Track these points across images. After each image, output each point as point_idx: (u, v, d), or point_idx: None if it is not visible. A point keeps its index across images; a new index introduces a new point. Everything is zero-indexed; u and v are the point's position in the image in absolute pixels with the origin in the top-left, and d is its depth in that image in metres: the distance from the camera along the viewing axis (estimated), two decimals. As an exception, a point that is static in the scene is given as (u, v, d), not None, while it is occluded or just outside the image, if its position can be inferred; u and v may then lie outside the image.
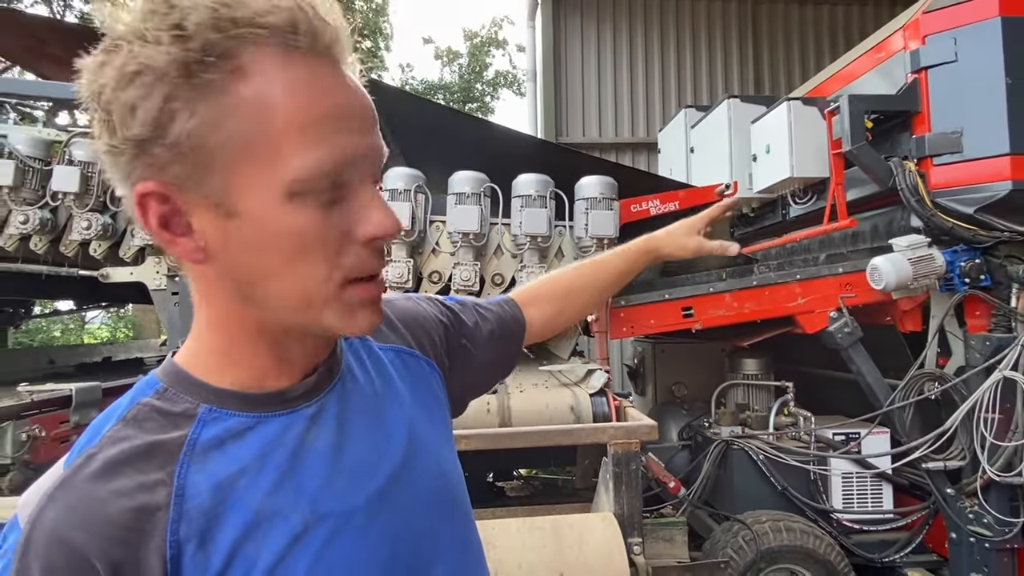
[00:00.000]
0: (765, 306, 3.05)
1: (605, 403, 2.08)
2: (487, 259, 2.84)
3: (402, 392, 0.76)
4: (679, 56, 7.55)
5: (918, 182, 2.92)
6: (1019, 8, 2.76)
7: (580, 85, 7.46)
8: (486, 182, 2.75)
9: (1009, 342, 2.67)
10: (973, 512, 2.75)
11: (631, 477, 1.87)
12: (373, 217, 0.58)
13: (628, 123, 7.47)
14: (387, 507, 0.66)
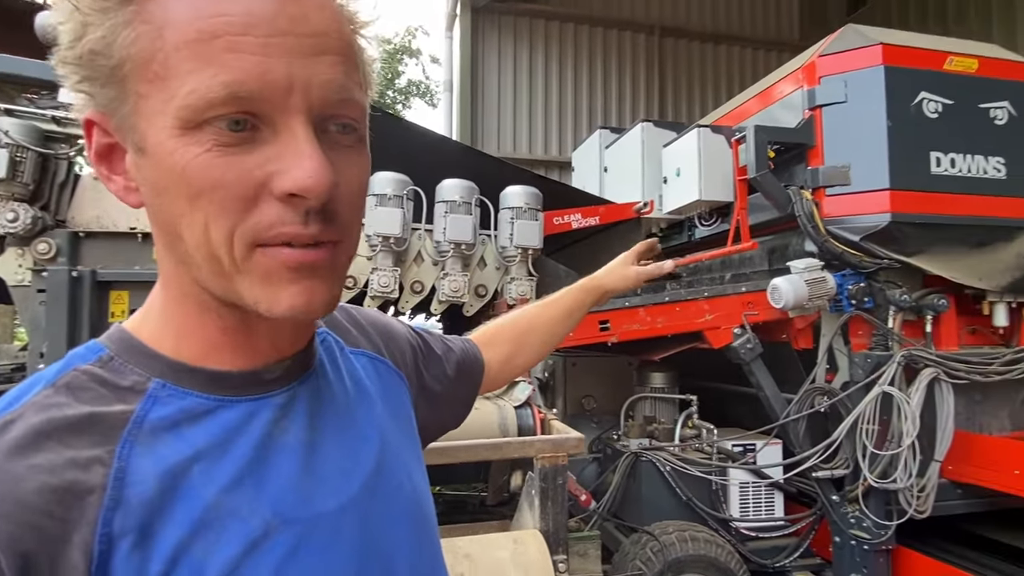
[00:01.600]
0: (676, 321, 3.13)
1: (530, 416, 2.01)
2: (407, 265, 2.71)
3: (375, 399, 0.66)
4: (591, 80, 7.80)
5: (813, 210, 3.14)
6: (900, 59, 3.07)
7: (496, 100, 7.50)
8: (409, 185, 2.63)
9: (887, 359, 2.92)
10: (854, 517, 2.96)
11: (557, 492, 1.81)
12: (293, 167, 0.46)
13: (542, 140, 7.59)
14: (359, 518, 0.56)
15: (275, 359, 0.56)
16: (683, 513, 3.18)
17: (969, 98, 3.14)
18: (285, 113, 0.46)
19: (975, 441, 2.93)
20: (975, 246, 3.12)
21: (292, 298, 0.49)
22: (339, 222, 0.51)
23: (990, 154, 3.13)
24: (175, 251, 0.50)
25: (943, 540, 3.11)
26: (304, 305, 0.49)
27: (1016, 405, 3.21)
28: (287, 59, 0.46)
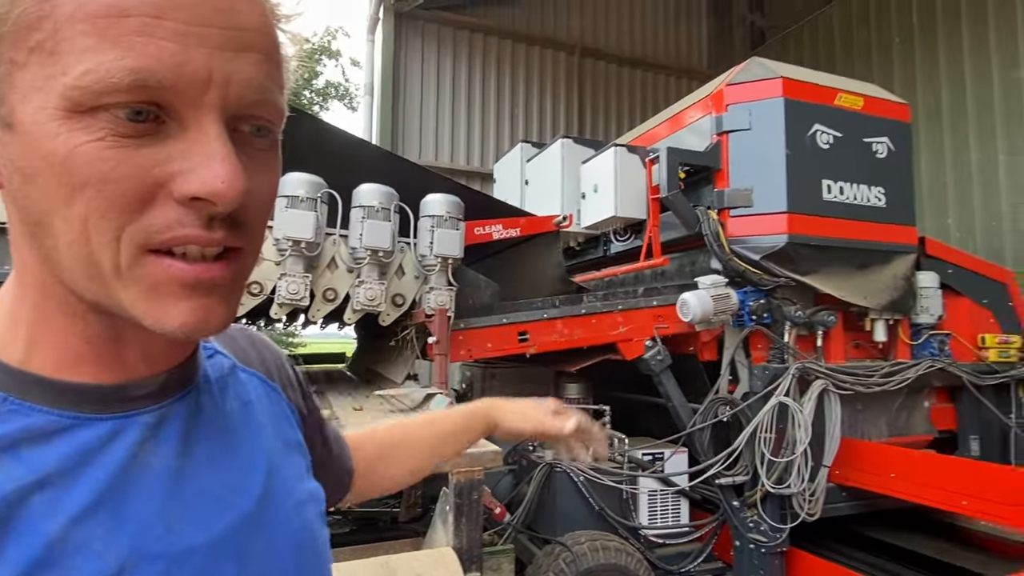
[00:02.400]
0: (592, 334, 3.19)
1: (446, 429, 1.95)
2: (319, 272, 2.57)
3: (264, 425, 0.60)
4: (513, 93, 7.89)
5: (719, 230, 3.31)
6: (798, 93, 3.32)
7: (418, 107, 7.41)
8: (323, 187, 2.50)
9: (783, 371, 3.11)
10: (753, 521, 3.12)
11: (472, 508, 1.76)
12: (201, 168, 0.41)
13: (464, 151, 7.57)
14: (236, 554, 0.50)
15: (147, 374, 0.49)
16: (595, 523, 3.22)
17: (855, 132, 3.44)
18: (197, 109, 0.41)
19: (858, 447, 3.18)
20: (859, 267, 3.41)
21: (185, 315, 0.43)
22: (245, 229, 0.46)
23: (872, 184, 3.44)
24: (39, 246, 0.43)
25: (831, 541, 3.34)
26: (198, 323, 0.43)
27: (892, 414, 3.52)
28: (208, 51, 0.41)
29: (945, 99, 6.62)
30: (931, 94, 6.76)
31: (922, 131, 6.68)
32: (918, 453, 3.09)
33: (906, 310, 3.54)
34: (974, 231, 6.24)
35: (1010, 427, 3.62)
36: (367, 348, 4.31)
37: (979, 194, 6.23)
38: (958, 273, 3.80)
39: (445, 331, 2.60)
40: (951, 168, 6.52)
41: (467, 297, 2.98)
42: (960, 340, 3.70)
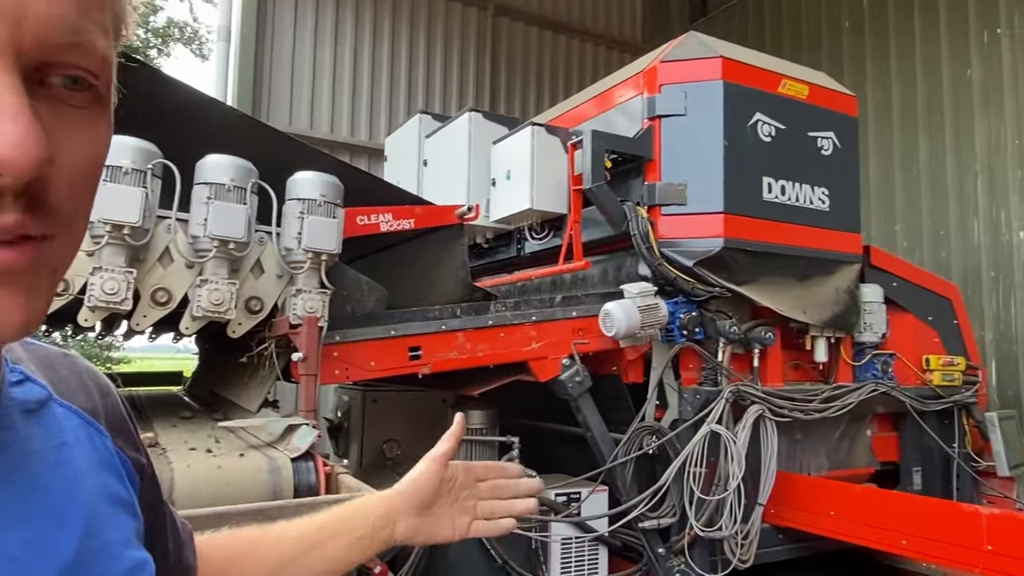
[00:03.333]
0: (500, 350, 3.22)
1: (312, 470, 1.90)
2: (148, 266, 2.42)
3: (83, 475, 0.58)
4: (412, 54, 7.85)
5: (649, 230, 3.46)
6: (739, 76, 3.54)
7: (290, 62, 7.19)
8: (157, 157, 2.37)
9: (715, 395, 3.30)
10: (680, 571, 3.27)
11: (342, 566, 1.72)
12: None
13: (347, 120, 7.43)
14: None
15: None
16: (497, 578, 3.25)
17: (800, 125, 3.73)
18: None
19: (795, 482, 3.42)
20: (799, 278, 3.68)
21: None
22: (51, 211, 0.44)
23: (816, 184, 3.73)
24: None
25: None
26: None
27: (833, 443, 3.82)
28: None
29: (895, 93, 7.31)
30: (881, 90, 7.45)
31: (871, 128, 7.34)
32: (859, 488, 3.37)
33: (849, 327, 3.87)
34: (921, 240, 6.92)
35: (953, 458, 4.05)
36: (212, 367, 4.11)
37: (927, 200, 6.92)
38: (903, 287, 4.21)
39: (315, 345, 2.53)
40: (899, 171, 7.20)
41: (345, 303, 2.92)
42: (904, 361, 4.09)
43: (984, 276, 6.41)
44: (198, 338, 4.38)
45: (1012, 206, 6.27)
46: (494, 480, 1.11)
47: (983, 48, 6.57)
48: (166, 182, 2.43)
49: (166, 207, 2.46)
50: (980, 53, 6.59)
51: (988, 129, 6.50)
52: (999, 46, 6.44)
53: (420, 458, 3.66)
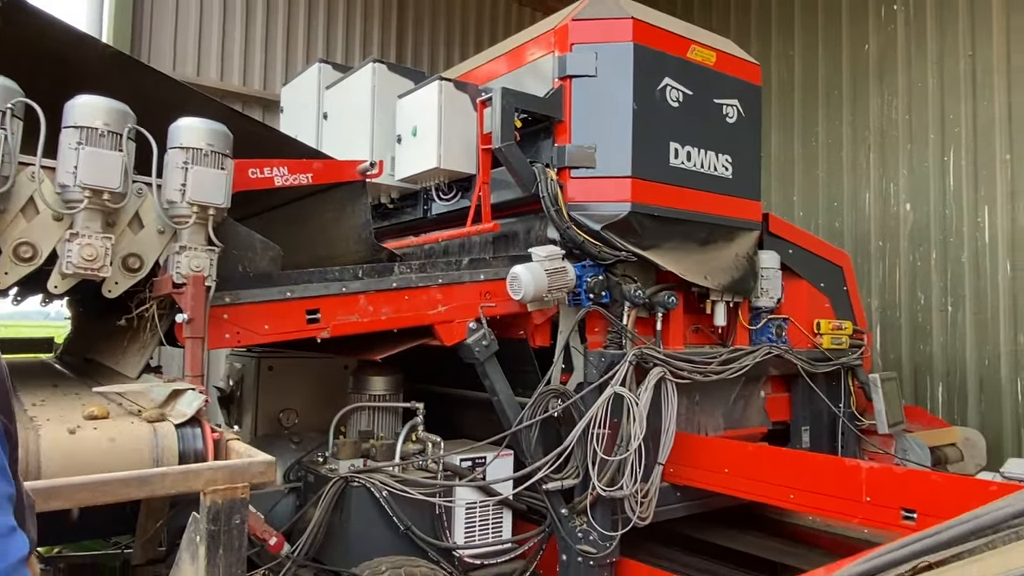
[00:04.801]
0: (404, 313, 3.20)
1: (199, 436, 1.84)
2: (9, 217, 2.24)
3: None
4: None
5: (558, 192, 3.50)
6: (649, 39, 3.60)
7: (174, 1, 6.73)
8: (17, 96, 2.17)
9: (620, 358, 3.41)
10: (582, 530, 3.40)
11: (233, 536, 1.68)
12: None
13: (239, 67, 7.07)
14: None
15: None
16: (400, 547, 3.27)
17: (706, 91, 3.84)
18: None
19: (692, 442, 3.61)
20: (701, 243, 3.84)
21: None
22: None
23: (720, 151, 3.88)
24: None
25: (663, 546, 3.77)
26: None
27: (729, 405, 4.05)
28: None
29: (797, 68, 7.66)
30: (784, 63, 7.79)
31: (774, 101, 7.67)
32: (752, 446, 3.59)
33: (747, 292, 4.08)
34: (817, 210, 7.35)
35: (839, 416, 4.38)
36: (87, 332, 3.87)
37: (824, 172, 7.35)
38: (799, 254, 4.46)
39: (202, 306, 2.43)
40: (799, 142, 7.59)
41: (236, 262, 2.81)
42: (797, 325, 4.36)
43: (873, 245, 6.90)
44: (70, 301, 4.12)
45: (901, 179, 6.75)
46: None
47: (880, 23, 6.96)
48: (29, 125, 2.24)
49: (30, 153, 2.28)
50: (877, 28, 6.98)
51: (882, 104, 6.93)
52: (895, 22, 6.84)
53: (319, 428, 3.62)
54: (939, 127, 6.50)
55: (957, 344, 6.27)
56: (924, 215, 6.56)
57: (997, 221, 6.04)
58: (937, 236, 6.45)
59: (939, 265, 6.42)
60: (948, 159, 6.43)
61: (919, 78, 6.65)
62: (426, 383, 4.07)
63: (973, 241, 6.21)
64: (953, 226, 6.36)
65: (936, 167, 6.50)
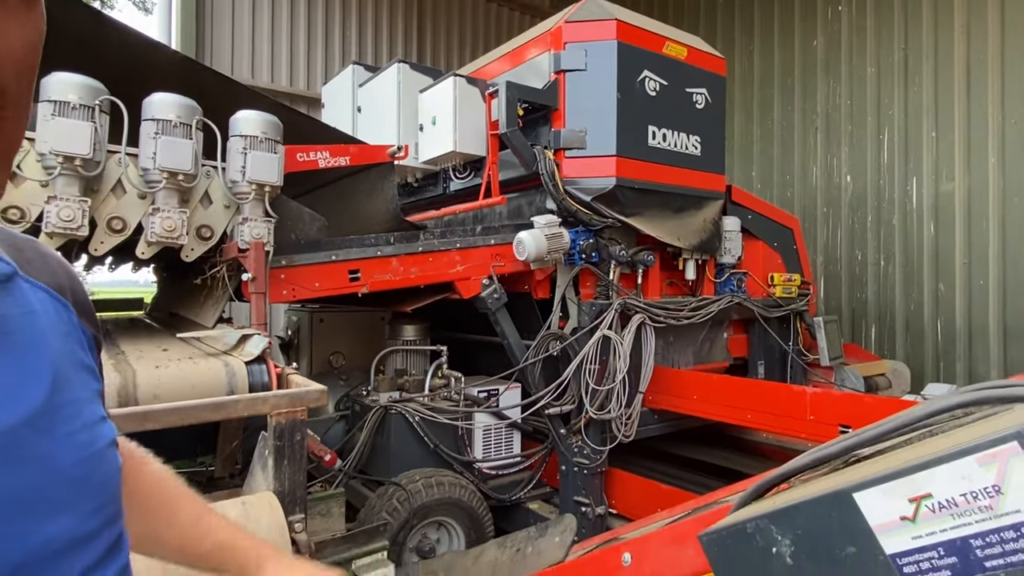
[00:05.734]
0: (429, 272, 3.21)
1: (265, 371, 1.87)
2: (102, 196, 2.24)
3: (51, 340, 0.56)
4: (344, 9, 7.36)
5: (555, 170, 3.47)
6: (630, 37, 3.52)
7: (230, 15, 6.61)
8: (103, 94, 2.15)
9: (607, 307, 3.42)
10: (577, 446, 3.45)
11: (295, 450, 1.72)
12: None
13: (286, 71, 6.96)
14: (6, 458, 0.48)
15: None
16: (431, 461, 3.34)
17: (679, 81, 3.76)
18: None
19: (668, 374, 3.63)
20: (675, 211, 3.81)
21: None
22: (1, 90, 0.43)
23: (691, 132, 3.82)
24: None
25: (643, 459, 3.83)
26: None
27: (697, 344, 4.06)
28: None
29: (756, 60, 7.48)
30: (746, 57, 7.59)
31: (736, 90, 7.51)
32: (716, 377, 3.61)
33: (713, 251, 4.05)
34: (772, 183, 7.26)
35: (788, 352, 4.39)
36: (169, 291, 3.90)
37: (778, 150, 7.23)
38: (756, 219, 4.42)
39: (262, 267, 2.44)
40: (757, 125, 7.45)
41: (289, 231, 2.81)
42: (754, 278, 4.34)
43: (818, 212, 6.82)
44: (156, 267, 4.14)
45: (843, 155, 6.64)
46: None
47: (827, 22, 6.77)
48: (114, 118, 2.23)
49: (116, 142, 2.27)
50: (824, 26, 6.79)
51: (828, 91, 6.78)
52: (839, 21, 6.65)
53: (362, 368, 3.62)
54: (876, 110, 6.36)
55: (888, 292, 6.23)
56: (862, 185, 6.46)
57: (923, 190, 5.94)
58: (872, 203, 6.37)
59: (874, 227, 6.35)
60: (883, 137, 6.31)
61: (859, 68, 6.48)
62: (448, 330, 4.09)
63: (903, 207, 6.12)
64: (886, 194, 6.27)
65: (873, 144, 6.38)
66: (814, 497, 0.80)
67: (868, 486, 0.74)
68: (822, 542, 0.78)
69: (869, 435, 0.89)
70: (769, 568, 0.83)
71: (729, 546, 0.90)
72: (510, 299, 3.48)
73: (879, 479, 0.73)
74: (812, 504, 0.80)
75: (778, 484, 1.00)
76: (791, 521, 0.82)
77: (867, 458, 0.93)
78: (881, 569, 0.72)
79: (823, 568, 0.79)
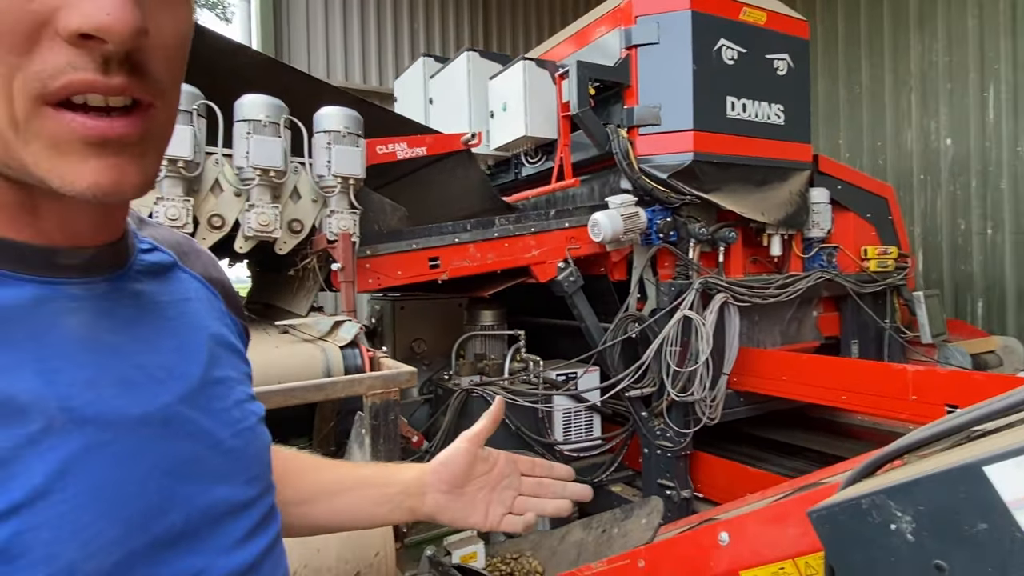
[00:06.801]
0: (505, 257, 3.24)
1: (358, 355, 1.95)
2: (202, 196, 2.40)
3: (205, 325, 0.61)
4: (412, 2, 7.48)
5: (628, 148, 3.40)
6: (704, 5, 3.39)
7: (304, 18, 6.86)
8: (200, 99, 2.30)
9: (687, 287, 3.34)
10: (659, 429, 3.41)
11: (389, 428, 1.80)
12: (86, 0, 0.38)
13: (359, 68, 7.16)
14: (170, 432, 0.51)
15: (70, 246, 0.49)
16: (513, 442, 3.39)
17: (758, 48, 3.59)
18: None
19: (753, 355, 3.51)
20: (758, 184, 3.65)
21: (95, 175, 0.42)
22: (152, 79, 0.44)
23: (773, 101, 3.64)
24: None
25: (728, 442, 3.73)
26: (111, 186, 0.43)
27: (784, 323, 3.90)
28: None
29: (841, 21, 7.01)
30: (829, 16, 7.13)
31: (819, 53, 7.08)
32: (806, 356, 3.46)
33: (800, 225, 3.86)
34: (862, 150, 6.81)
35: (885, 329, 4.13)
36: (264, 283, 4.13)
37: (867, 115, 6.77)
38: (846, 189, 4.17)
39: (350, 257, 2.54)
40: (844, 89, 7.00)
41: (372, 222, 2.91)
42: (846, 252, 4.11)
43: (915, 179, 6.35)
44: (251, 263, 4.39)
45: (941, 116, 6.14)
46: (540, 478, 0.95)
47: (921, -27, 6.25)
48: (210, 120, 2.37)
49: (211, 143, 2.42)
50: (918, -22, 6.28)
51: (922, 48, 6.27)
52: (935, -30, 6.13)
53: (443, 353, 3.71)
54: (979, 65, 5.82)
55: (996, 263, 5.73)
56: (964, 148, 5.95)
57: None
58: (977, 167, 5.85)
59: (979, 193, 5.84)
60: (988, 95, 5.77)
61: (959, 20, 5.94)
62: (525, 314, 4.12)
63: (1012, 169, 5.59)
64: (993, 156, 5.74)
65: (976, 103, 5.84)
66: (938, 471, 0.75)
67: (1002, 459, 0.69)
68: (948, 518, 0.73)
69: (997, 407, 0.83)
70: (887, 545, 0.79)
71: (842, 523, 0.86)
72: (586, 282, 3.46)
73: (1015, 451, 0.68)
74: (936, 478, 0.75)
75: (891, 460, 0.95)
76: (911, 497, 0.77)
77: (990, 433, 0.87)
78: (1018, 546, 0.67)
79: (949, 546, 0.74)
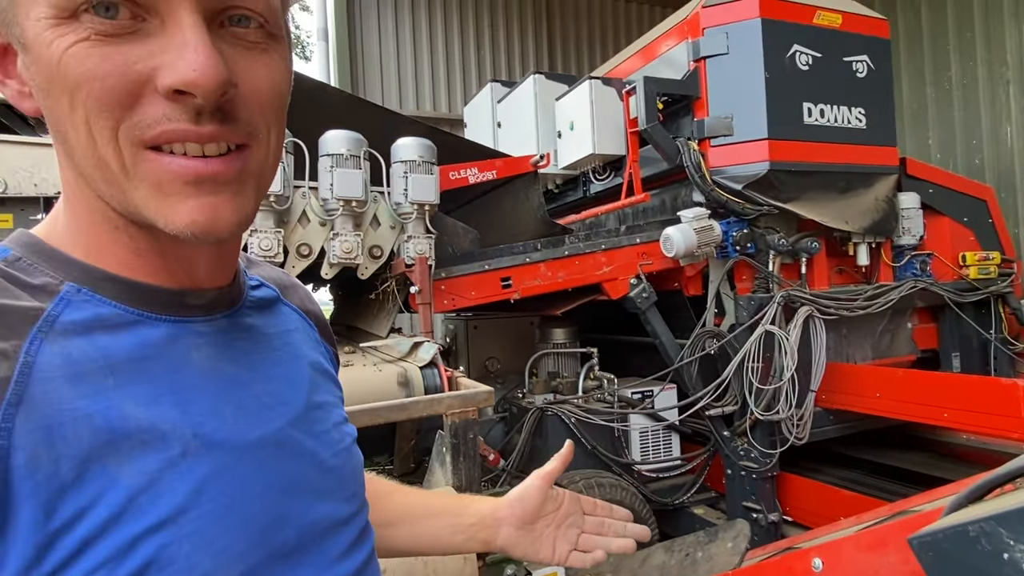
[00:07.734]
0: (576, 275, 3.25)
1: (437, 375, 2.02)
2: (291, 227, 2.56)
3: (305, 354, 0.67)
4: (478, 30, 7.70)
5: (700, 161, 3.35)
6: (775, 12, 3.31)
7: (377, 52, 7.20)
8: (287, 137, 2.46)
9: (768, 301, 3.22)
10: (743, 449, 3.28)
11: (469, 447, 1.84)
12: (176, 60, 0.44)
13: (430, 97, 7.42)
14: (285, 453, 0.57)
15: (194, 288, 0.55)
16: (589, 462, 3.36)
17: (834, 51, 3.46)
18: (173, 4, 0.44)
19: (843, 370, 3.33)
20: (840, 191, 3.49)
21: (192, 213, 0.47)
22: (243, 124, 0.49)
23: (853, 105, 3.49)
24: (67, 159, 0.48)
25: (818, 462, 3.54)
26: (207, 222, 0.47)
27: (876, 336, 3.68)
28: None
29: (925, 16, 6.64)
30: (911, 11, 6.77)
31: (902, 50, 6.72)
32: (901, 371, 3.25)
33: (888, 232, 3.66)
34: (955, 150, 6.37)
35: (990, 341, 3.82)
36: (346, 306, 4.32)
37: (960, 112, 6.34)
38: (939, 192, 3.92)
39: (427, 280, 2.63)
40: (931, 87, 6.60)
41: (446, 245, 3.00)
42: (941, 259, 3.85)
43: (1017, 178, 5.87)
44: (333, 287, 4.60)
45: (1046, 109, 5.66)
46: (603, 518, 1.00)
47: (1015, -42, 5.83)
48: (297, 156, 2.54)
49: (298, 178, 2.58)
50: (1012, -36, 5.86)
51: (1020, 37, 5.83)
52: (1032, -46, 5.70)
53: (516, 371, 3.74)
54: (1089, 50, 5.35)
55: (1122, 266, 5.19)
56: (1076, 141, 5.46)
57: None
58: (1092, 160, 5.35)
59: (1096, 189, 5.33)
60: (1101, 81, 5.29)
61: (1063, 4, 5.50)
62: (598, 331, 4.10)
63: None
64: (1111, 148, 5.24)
65: (1088, 92, 5.37)
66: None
67: None
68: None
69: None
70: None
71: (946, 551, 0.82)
72: (660, 298, 3.41)
73: None
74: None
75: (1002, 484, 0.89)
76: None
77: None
78: None
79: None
